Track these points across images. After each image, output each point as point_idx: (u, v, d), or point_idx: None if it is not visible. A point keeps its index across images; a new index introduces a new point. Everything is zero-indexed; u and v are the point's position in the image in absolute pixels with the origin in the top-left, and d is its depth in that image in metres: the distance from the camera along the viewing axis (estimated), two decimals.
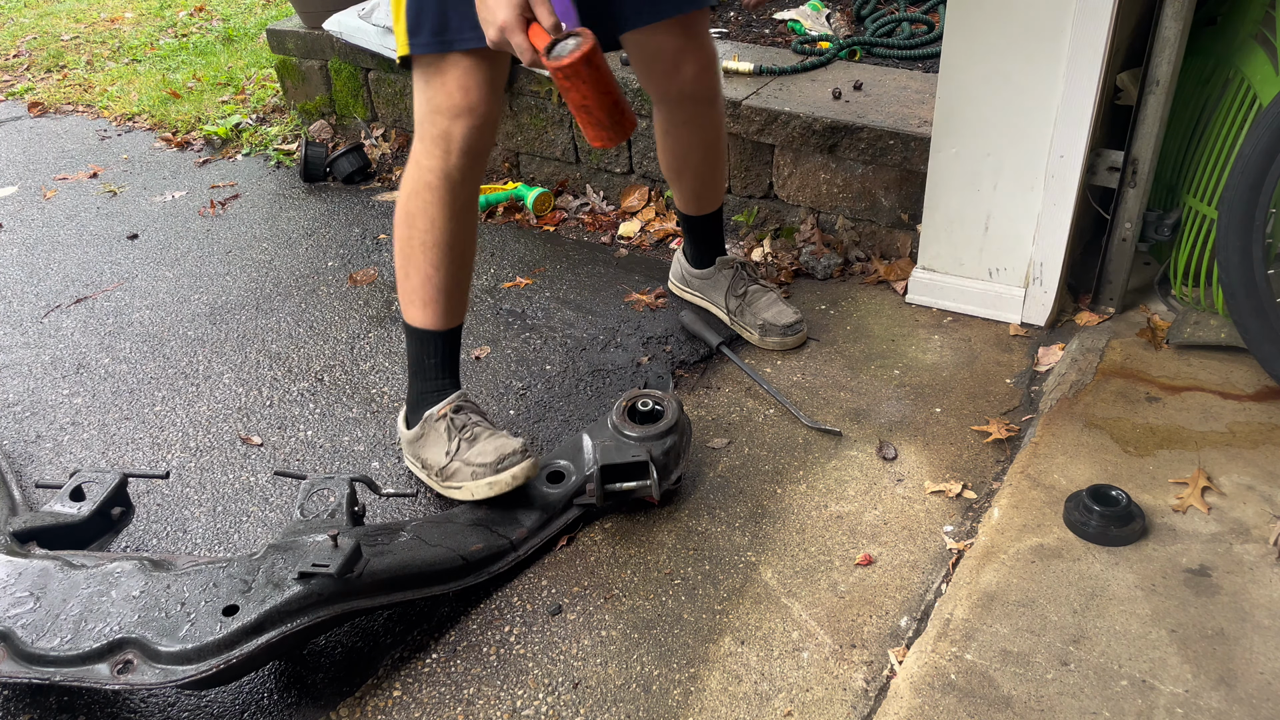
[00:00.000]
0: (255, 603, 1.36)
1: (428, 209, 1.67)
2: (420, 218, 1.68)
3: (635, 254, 2.59)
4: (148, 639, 1.33)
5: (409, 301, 1.75)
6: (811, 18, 2.90)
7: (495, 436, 1.72)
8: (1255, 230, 1.75)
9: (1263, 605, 1.45)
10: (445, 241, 1.70)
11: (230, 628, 1.33)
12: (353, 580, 1.42)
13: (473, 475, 1.68)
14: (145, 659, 1.33)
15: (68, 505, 1.62)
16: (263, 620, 1.35)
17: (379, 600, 1.46)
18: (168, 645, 1.33)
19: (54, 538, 1.59)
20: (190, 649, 1.32)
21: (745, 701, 1.42)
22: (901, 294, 2.32)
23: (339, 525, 1.54)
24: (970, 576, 1.54)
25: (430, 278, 1.72)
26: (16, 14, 5.04)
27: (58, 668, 1.33)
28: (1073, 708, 1.33)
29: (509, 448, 1.68)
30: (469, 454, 1.70)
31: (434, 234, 1.69)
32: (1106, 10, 1.80)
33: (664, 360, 2.15)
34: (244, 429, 2.03)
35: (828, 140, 2.34)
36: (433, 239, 1.69)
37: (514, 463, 1.66)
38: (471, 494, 1.69)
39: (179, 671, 1.32)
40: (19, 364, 2.27)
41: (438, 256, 1.70)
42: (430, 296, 1.73)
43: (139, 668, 1.32)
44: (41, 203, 3.05)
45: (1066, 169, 1.98)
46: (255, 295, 2.49)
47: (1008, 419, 1.92)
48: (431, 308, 1.74)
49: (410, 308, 1.76)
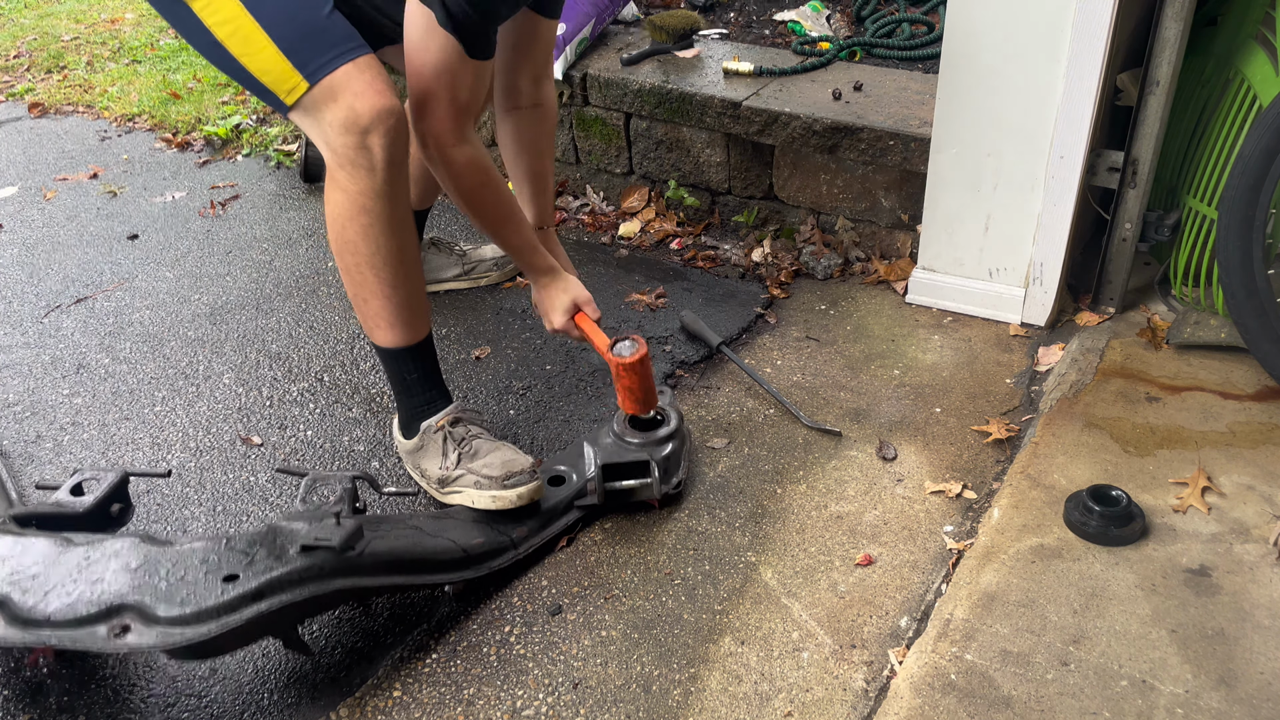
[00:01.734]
0: (256, 572, 1.36)
1: (369, 232, 1.60)
2: (363, 243, 1.61)
3: (635, 254, 2.59)
4: (145, 604, 1.32)
5: (373, 326, 1.70)
6: (811, 18, 2.90)
7: (499, 449, 1.71)
8: (1255, 230, 1.75)
9: (1263, 605, 1.45)
10: (395, 259, 1.63)
11: (230, 593, 1.33)
12: (354, 558, 1.42)
13: (477, 485, 1.67)
14: (143, 623, 1.32)
15: (68, 499, 1.61)
16: (263, 588, 1.34)
17: (380, 580, 1.45)
18: (166, 610, 1.32)
19: (53, 527, 1.57)
20: (189, 613, 1.31)
21: (745, 701, 1.42)
22: (901, 294, 2.32)
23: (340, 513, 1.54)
24: (970, 576, 1.54)
25: (389, 297, 1.66)
26: (16, 14, 5.04)
27: (54, 630, 1.32)
28: (1073, 708, 1.33)
29: (517, 465, 1.67)
30: (474, 464, 1.69)
31: (381, 254, 1.62)
32: (1106, 10, 1.81)
33: (664, 360, 2.15)
34: (244, 429, 2.03)
35: (828, 141, 2.34)
36: (381, 259, 1.63)
37: (521, 482, 1.66)
38: (472, 501, 1.68)
39: (176, 634, 1.31)
40: (19, 364, 2.27)
41: (390, 275, 1.64)
42: (394, 315, 1.68)
43: (137, 630, 1.31)
44: (42, 203, 3.05)
45: (1066, 169, 1.98)
46: (255, 295, 2.49)
47: (1008, 419, 1.92)
48: (399, 326, 1.69)
49: (376, 331, 1.70)
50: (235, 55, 1.54)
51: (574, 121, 2.74)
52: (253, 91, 1.58)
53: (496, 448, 1.71)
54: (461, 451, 1.71)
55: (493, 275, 2.46)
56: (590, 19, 2.67)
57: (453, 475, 1.70)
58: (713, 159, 2.58)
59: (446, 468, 1.71)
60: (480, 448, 1.71)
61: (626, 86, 2.58)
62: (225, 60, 1.56)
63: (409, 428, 1.79)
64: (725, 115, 2.46)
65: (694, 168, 2.62)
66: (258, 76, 1.54)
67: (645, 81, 2.55)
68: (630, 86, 2.57)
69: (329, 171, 1.59)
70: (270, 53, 1.51)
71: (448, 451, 1.72)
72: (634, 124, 2.65)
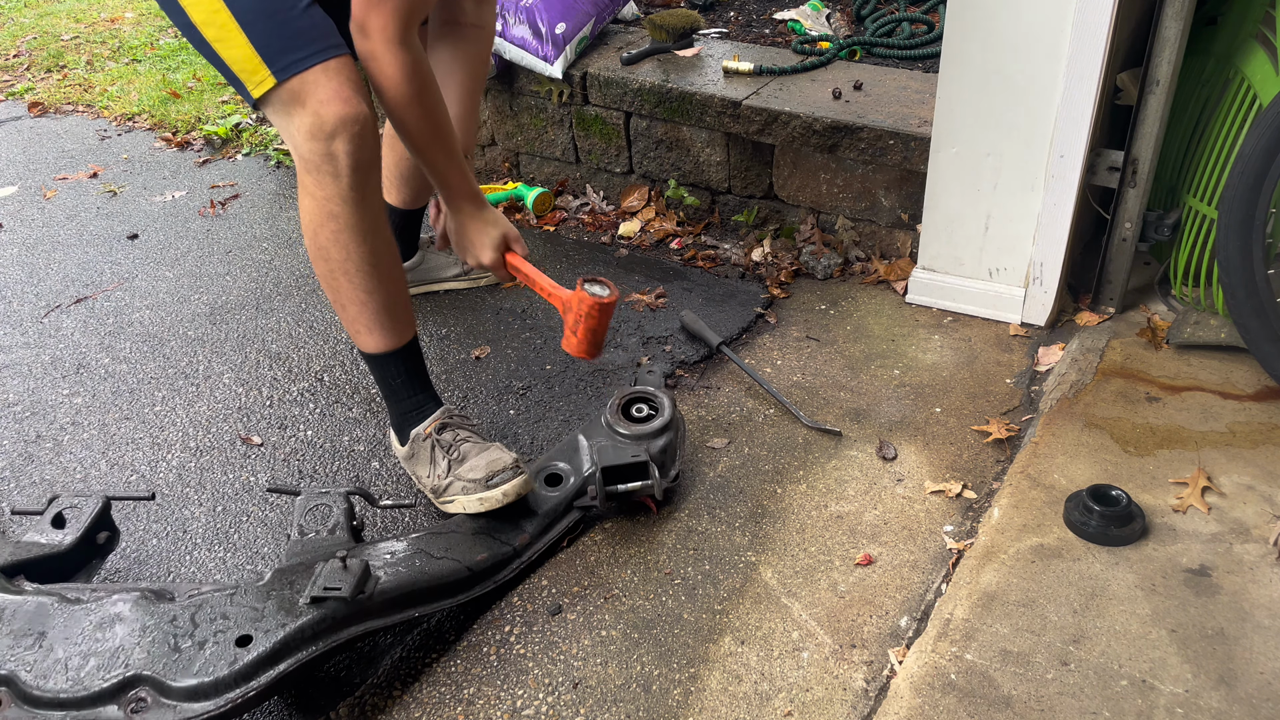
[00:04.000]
0: (268, 631, 1.33)
1: (339, 238, 1.59)
2: (334, 248, 1.60)
3: (635, 254, 2.59)
4: (159, 675, 1.29)
5: (355, 331, 1.69)
6: (811, 18, 2.89)
7: (486, 450, 1.69)
8: (1255, 230, 1.75)
9: (1263, 605, 1.45)
10: (369, 263, 1.61)
11: (246, 659, 1.30)
12: (364, 601, 1.39)
13: (464, 490, 1.66)
14: (158, 696, 1.28)
15: (50, 534, 1.57)
16: (279, 649, 1.32)
17: (392, 619, 1.43)
18: (181, 681, 1.28)
19: (41, 568, 1.54)
20: (206, 683, 1.28)
21: (745, 701, 1.42)
22: (901, 294, 2.32)
23: (340, 543, 1.51)
24: (970, 576, 1.54)
25: (366, 303, 1.65)
26: (16, 14, 5.03)
27: (66, 710, 1.28)
28: (1073, 708, 1.33)
29: (500, 463, 1.65)
30: (460, 470, 1.68)
31: (354, 260, 1.61)
32: (1106, 10, 1.80)
33: (664, 360, 2.15)
34: (244, 429, 2.03)
35: (828, 140, 2.34)
36: (354, 265, 1.61)
37: (505, 479, 1.63)
38: (463, 508, 1.66)
39: (194, 708, 1.27)
40: (19, 364, 2.27)
41: (365, 280, 1.63)
42: (373, 320, 1.66)
43: (152, 707, 1.27)
44: (41, 203, 3.05)
45: (1066, 169, 1.98)
46: (255, 295, 2.49)
47: (1008, 419, 1.92)
48: (378, 331, 1.68)
49: (358, 336, 1.69)
50: (210, 41, 1.54)
51: (574, 120, 2.74)
52: (227, 80, 1.58)
53: (484, 449, 1.70)
54: (450, 459, 1.69)
55: (492, 275, 2.43)
56: (590, 18, 2.67)
57: (444, 484, 1.70)
58: (713, 158, 2.58)
59: (437, 477, 1.70)
60: (468, 451, 1.69)
61: (626, 85, 2.58)
62: (203, 46, 1.56)
63: (401, 433, 1.78)
64: (725, 114, 2.46)
65: (694, 167, 2.62)
66: (229, 65, 1.54)
67: (645, 80, 2.55)
68: (630, 85, 2.57)
69: (298, 176, 1.58)
70: (241, 42, 1.51)
71: (436, 460, 1.71)
72: (634, 123, 2.65)
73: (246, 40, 1.50)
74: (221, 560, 1.71)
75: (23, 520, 1.78)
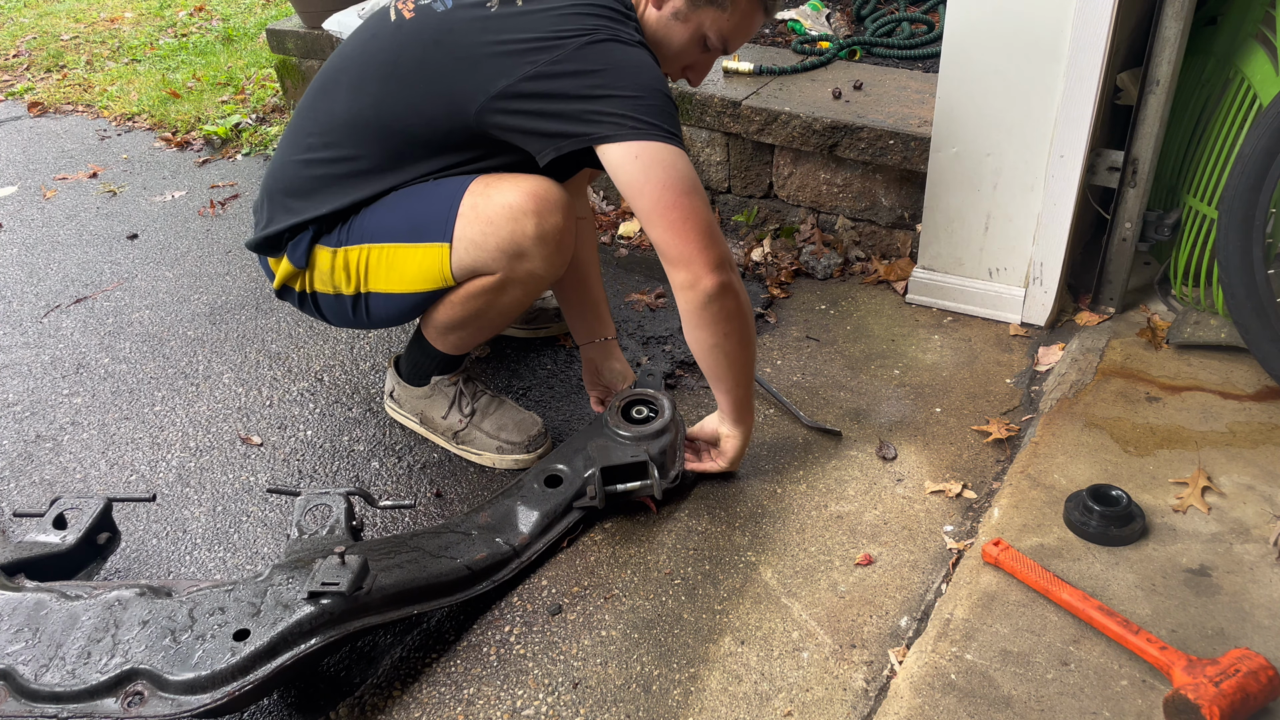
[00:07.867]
0: (266, 625, 1.33)
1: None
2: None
3: (635, 254, 2.59)
4: (157, 668, 1.29)
5: (438, 336, 1.78)
6: (811, 17, 2.90)
7: (506, 408, 1.88)
8: (1255, 230, 1.75)
9: (1263, 605, 1.45)
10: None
11: (243, 653, 1.30)
12: (362, 597, 1.39)
13: (499, 449, 1.85)
14: (155, 689, 1.29)
15: (51, 534, 1.57)
16: (276, 643, 1.32)
17: (389, 615, 1.43)
18: (178, 674, 1.28)
19: (42, 568, 1.54)
20: (203, 676, 1.28)
21: (745, 701, 1.42)
22: (901, 294, 2.32)
23: (340, 542, 1.51)
24: (970, 576, 1.54)
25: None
26: (16, 14, 5.04)
27: (63, 704, 1.28)
28: (1073, 708, 1.33)
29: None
30: (486, 424, 1.85)
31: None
32: (1106, 10, 1.80)
33: (664, 360, 2.15)
34: (244, 429, 2.03)
35: (828, 140, 2.34)
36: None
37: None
38: (494, 463, 1.86)
39: (192, 701, 1.27)
40: (19, 364, 2.27)
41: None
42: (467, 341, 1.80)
43: (149, 700, 1.28)
44: (41, 202, 3.05)
45: (1066, 169, 1.98)
46: (255, 295, 2.49)
47: (1008, 419, 1.92)
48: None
49: (438, 340, 1.79)
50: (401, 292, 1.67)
51: None
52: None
53: (502, 405, 1.88)
54: (475, 406, 1.87)
55: (552, 327, 2.26)
56: None
57: (463, 428, 1.87)
58: (712, 158, 2.58)
59: (461, 420, 1.87)
60: (489, 406, 1.87)
61: None
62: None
63: (419, 378, 1.90)
64: (725, 114, 2.46)
65: (694, 167, 2.62)
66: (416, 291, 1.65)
67: None
68: None
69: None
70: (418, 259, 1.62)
71: (462, 405, 1.87)
72: None
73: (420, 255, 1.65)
74: (221, 560, 1.71)
75: (24, 522, 1.79)
